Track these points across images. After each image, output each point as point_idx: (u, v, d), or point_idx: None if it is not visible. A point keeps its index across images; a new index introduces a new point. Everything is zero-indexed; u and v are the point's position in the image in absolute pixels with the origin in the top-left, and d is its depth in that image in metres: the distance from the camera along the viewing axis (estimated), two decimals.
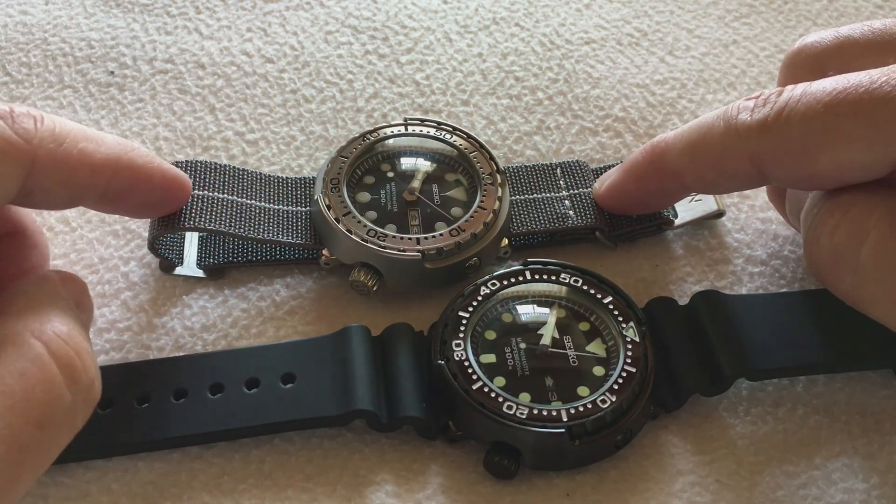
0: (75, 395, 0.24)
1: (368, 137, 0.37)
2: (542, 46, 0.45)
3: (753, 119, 0.29)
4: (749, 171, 0.30)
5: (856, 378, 0.33)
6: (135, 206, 0.32)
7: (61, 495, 0.29)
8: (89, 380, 0.25)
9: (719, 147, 0.30)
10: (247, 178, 0.35)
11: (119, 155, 0.29)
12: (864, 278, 0.28)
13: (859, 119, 0.27)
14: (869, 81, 0.27)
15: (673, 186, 0.34)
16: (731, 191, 0.37)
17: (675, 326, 0.33)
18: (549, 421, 0.29)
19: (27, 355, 0.24)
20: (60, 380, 0.24)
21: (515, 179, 0.37)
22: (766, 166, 0.29)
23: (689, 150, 0.31)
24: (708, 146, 0.31)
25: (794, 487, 0.31)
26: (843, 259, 0.28)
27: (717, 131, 0.30)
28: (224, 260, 0.35)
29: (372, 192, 0.36)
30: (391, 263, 0.33)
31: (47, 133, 0.27)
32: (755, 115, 0.29)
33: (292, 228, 0.35)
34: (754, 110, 0.29)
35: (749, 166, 0.30)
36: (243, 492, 0.30)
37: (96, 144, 0.29)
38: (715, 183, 0.32)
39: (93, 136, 0.29)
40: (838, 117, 0.27)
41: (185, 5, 0.45)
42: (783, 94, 0.29)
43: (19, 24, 0.44)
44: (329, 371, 0.30)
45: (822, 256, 0.29)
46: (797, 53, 0.33)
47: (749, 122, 0.29)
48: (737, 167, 0.30)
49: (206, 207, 0.33)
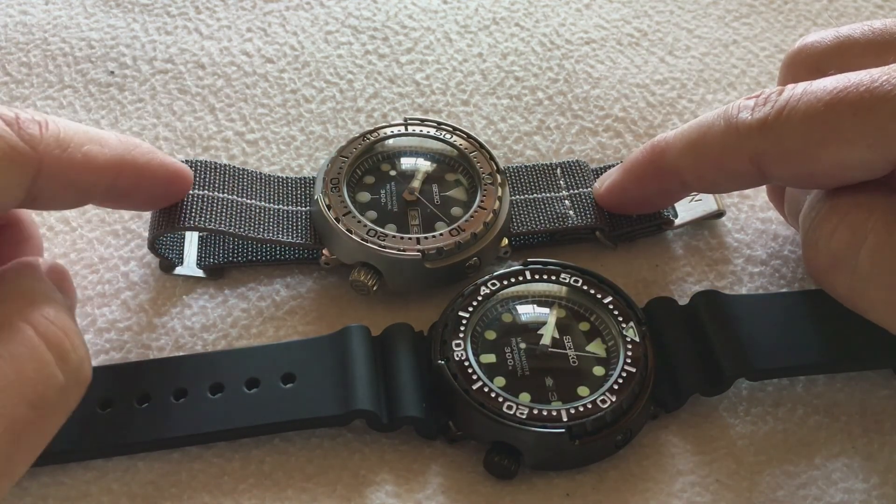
0: (67, 375, 0.25)
1: (369, 137, 0.37)
2: (542, 46, 0.45)
3: (754, 118, 0.29)
4: (749, 170, 0.30)
5: (856, 378, 0.33)
6: (138, 201, 0.32)
7: (61, 495, 0.29)
8: (79, 359, 0.26)
9: (720, 146, 0.30)
10: (247, 177, 0.35)
11: (122, 154, 0.29)
12: (862, 282, 0.28)
13: (860, 118, 0.27)
14: (870, 80, 0.27)
15: (673, 186, 0.33)
16: (731, 190, 0.37)
17: (675, 326, 0.33)
18: (549, 421, 0.29)
19: (17, 338, 0.24)
20: (51, 360, 0.25)
21: (515, 179, 0.37)
22: (767, 165, 0.29)
23: (690, 150, 0.31)
24: (708, 145, 0.31)
25: (794, 487, 0.31)
26: (840, 263, 0.28)
27: (717, 130, 0.30)
28: (224, 260, 0.35)
29: (372, 192, 0.36)
30: (391, 263, 0.33)
31: (52, 138, 0.27)
32: (756, 113, 0.29)
33: (292, 228, 0.35)
34: (755, 109, 0.29)
35: (749, 165, 0.30)
36: (243, 492, 0.30)
37: (100, 146, 0.29)
38: (715, 182, 0.32)
39: (96, 137, 0.29)
40: (839, 116, 0.27)
41: (185, 5, 0.45)
42: (784, 93, 0.29)
43: (19, 24, 0.44)
44: (329, 371, 0.30)
45: (820, 260, 0.29)
46: (798, 53, 0.33)
47: (749, 120, 0.29)
48: (737, 166, 0.30)
49: (207, 207, 0.33)
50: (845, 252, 0.28)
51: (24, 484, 0.29)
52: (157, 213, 0.33)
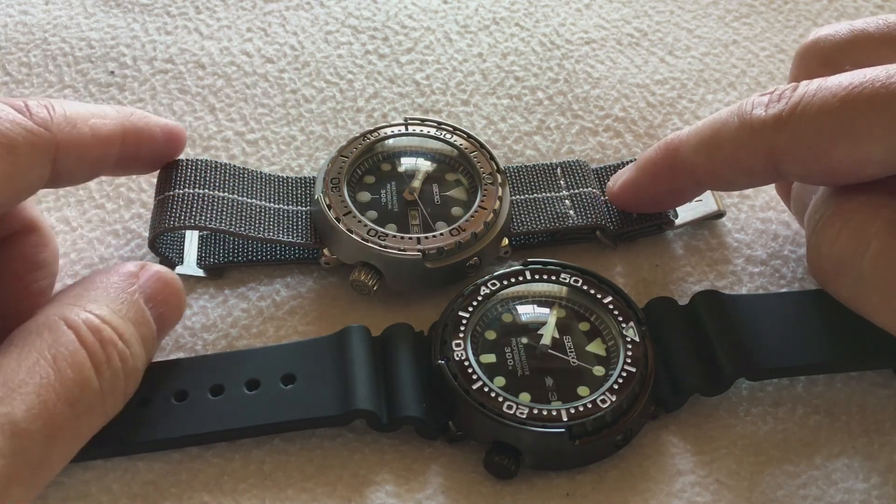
0: (102, 383, 0.26)
1: (369, 137, 0.37)
2: (542, 46, 0.45)
3: (768, 114, 0.29)
4: (764, 167, 0.30)
5: (856, 378, 0.33)
6: (143, 163, 0.34)
7: (61, 495, 0.29)
8: (113, 371, 0.27)
9: (734, 143, 0.30)
10: (247, 176, 0.35)
11: (122, 122, 0.31)
12: (866, 287, 0.28)
13: (875, 114, 0.27)
14: (886, 76, 0.27)
15: (687, 183, 0.33)
16: (745, 187, 0.36)
17: (675, 326, 0.33)
18: (549, 421, 0.29)
19: (60, 340, 0.26)
20: (89, 365, 0.26)
21: (515, 179, 0.37)
22: (782, 161, 0.29)
23: (704, 147, 0.31)
24: (722, 142, 0.31)
25: (794, 487, 0.31)
26: (844, 268, 0.28)
27: (731, 127, 0.30)
28: (224, 259, 0.35)
29: (372, 192, 0.36)
30: (392, 263, 0.33)
31: (61, 118, 0.29)
32: (770, 110, 0.29)
33: (293, 228, 0.35)
34: (769, 105, 0.29)
35: (764, 162, 0.29)
36: (243, 492, 0.30)
37: (101, 118, 0.31)
38: (730, 180, 0.32)
39: (96, 111, 0.31)
40: (854, 112, 0.27)
41: (185, 5, 0.46)
42: (798, 89, 0.28)
43: (19, 24, 0.44)
44: (329, 371, 0.30)
45: (824, 265, 0.29)
46: (811, 46, 0.32)
47: (764, 117, 0.29)
48: (752, 162, 0.30)
49: (207, 206, 0.33)
50: (849, 258, 0.28)
51: None
52: (157, 212, 0.34)
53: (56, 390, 0.25)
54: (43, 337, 0.26)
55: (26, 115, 0.28)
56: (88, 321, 0.27)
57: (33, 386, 0.25)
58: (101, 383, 0.26)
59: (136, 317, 0.28)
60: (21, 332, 0.27)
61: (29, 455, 0.24)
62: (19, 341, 0.26)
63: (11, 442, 0.24)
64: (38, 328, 0.26)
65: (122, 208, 0.37)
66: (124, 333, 0.28)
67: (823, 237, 0.29)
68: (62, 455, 0.26)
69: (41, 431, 0.24)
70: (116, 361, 0.27)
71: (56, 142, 0.29)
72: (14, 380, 0.25)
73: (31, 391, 0.25)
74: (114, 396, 0.27)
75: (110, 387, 0.27)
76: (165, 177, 0.34)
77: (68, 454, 0.26)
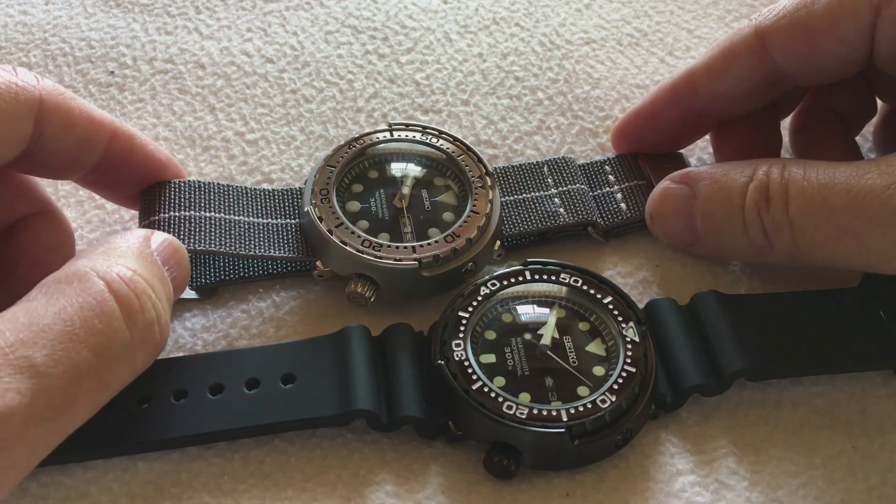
0: (133, 333, 0.27)
1: (354, 145, 0.36)
2: (543, 46, 0.45)
3: (753, 21, 0.35)
4: (758, 59, 0.34)
5: (856, 378, 0.33)
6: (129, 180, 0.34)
7: (61, 495, 0.29)
8: (146, 321, 0.27)
9: (728, 40, 0.35)
10: (232, 193, 0.35)
11: (116, 122, 0.32)
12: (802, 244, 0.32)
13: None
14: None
15: (687, 102, 0.36)
16: (744, 99, 0.37)
17: (675, 326, 0.33)
18: (549, 421, 0.29)
19: (89, 290, 0.26)
20: (119, 315, 0.26)
21: (503, 180, 0.37)
22: (772, 42, 0.34)
23: (702, 56, 0.36)
24: (720, 43, 0.36)
25: (794, 487, 0.31)
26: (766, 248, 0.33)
27: (739, 34, 0.35)
28: (216, 279, 0.35)
29: (361, 201, 0.35)
30: (388, 273, 0.33)
31: (49, 84, 0.30)
32: (754, 18, 0.35)
33: (283, 242, 0.34)
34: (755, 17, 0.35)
35: (755, 40, 0.34)
36: (243, 492, 0.30)
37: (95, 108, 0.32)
38: (727, 82, 0.35)
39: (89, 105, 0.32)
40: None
41: (185, 5, 0.46)
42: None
43: (19, 24, 0.44)
44: (329, 371, 0.30)
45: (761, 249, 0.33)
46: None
47: (750, 22, 0.35)
48: (747, 58, 0.35)
49: (195, 228, 0.33)
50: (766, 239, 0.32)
51: (24, 484, 0.29)
52: None
53: (80, 338, 0.25)
54: (73, 286, 0.26)
55: (10, 73, 0.29)
56: (122, 274, 0.27)
57: (57, 332, 0.25)
58: (133, 333, 0.27)
59: (159, 275, 0.29)
60: (51, 279, 0.27)
61: (49, 398, 0.24)
62: (48, 289, 0.26)
63: (31, 383, 0.24)
64: (67, 277, 0.27)
65: (121, 209, 0.37)
66: (155, 286, 0.28)
67: None
68: (86, 404, 0.26)
69: (62, 376, 0.25)
70: (151, 312, 0.27)
71: (40, 98, 0.29)
72: (38, 324, 0.25)
73: (53, 337, 0.25)
74: (144, 348, 0.27)
75: (142, 337, 0.27)
76: (149, 200, 0.34)
77: (93, 404, 0.26)
